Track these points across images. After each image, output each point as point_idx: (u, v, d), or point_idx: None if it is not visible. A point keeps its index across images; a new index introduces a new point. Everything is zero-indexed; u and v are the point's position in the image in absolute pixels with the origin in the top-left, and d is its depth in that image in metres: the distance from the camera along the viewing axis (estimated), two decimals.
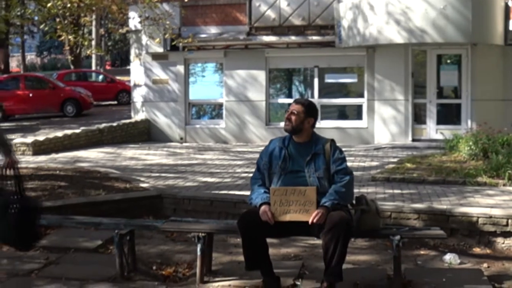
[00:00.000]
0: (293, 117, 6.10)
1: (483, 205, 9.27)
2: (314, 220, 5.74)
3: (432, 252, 7.88)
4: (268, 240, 6.11)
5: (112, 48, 63.47)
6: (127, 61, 65.65)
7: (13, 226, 5.46)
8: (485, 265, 7.24)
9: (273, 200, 5.90)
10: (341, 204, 5.93)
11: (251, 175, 6.63)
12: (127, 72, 44.83)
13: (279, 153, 6.20)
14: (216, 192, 10.60)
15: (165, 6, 18.12)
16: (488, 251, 7.96)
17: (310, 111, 6.18)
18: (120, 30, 22.59)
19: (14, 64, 59.28)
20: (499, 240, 8.01)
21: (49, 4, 13.00)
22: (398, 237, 6.12)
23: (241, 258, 6.35)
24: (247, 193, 9.05)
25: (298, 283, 6.32)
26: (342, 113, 20.38)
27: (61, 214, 8.28)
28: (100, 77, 36.19)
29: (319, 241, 6.59)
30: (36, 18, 29.48)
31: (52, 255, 7.46)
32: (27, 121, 26.97)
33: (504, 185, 11.34)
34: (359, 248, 7.98)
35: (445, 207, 8.70)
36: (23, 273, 6.80)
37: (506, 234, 7.99)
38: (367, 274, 6.69)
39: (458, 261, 7.27)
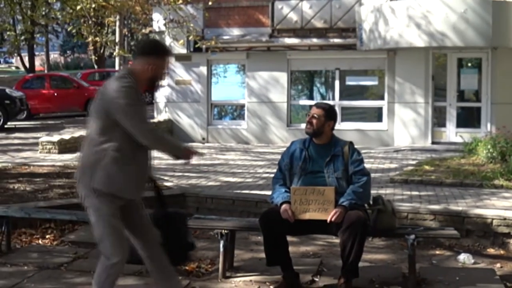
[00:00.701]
0: (314, 121, 6.34)
1: (499, 208, 9.47)
2: (333, 219, 6.00)
3: (447, 252, 8.09)
4: (288, 238, 6.36)
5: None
6: None
7: (170, 239, 5.62)
8: (498, 265, 7.44)
9: (294, 199, 6.16)
10: (359, 204, 6.17)
11: (272, 175, 6.89)
12: None
13: (299, 154, 6.45)
14: (238, 191, 10.83)
15: (189, 9, 18.38)
16: (501, 252, 8.15)
17: (330, 115, 6.43)
18: (143, 30, 22.93)
19: (38, 63, 59.77)
20: None
21: (78, 7, 13.29)
22: (413, 236, 6.35)
23: (262, 255, 6.60)
24: (268, 192, 9.31)
25: (316, 279, 6.57)
26: (363, 115, 20.53)
27: None
28: None
29: (336, 240, 6.85)
30: (60, 17, 29.81)
31: (80, 249, 7.76)
32: (52, 120, 27.40)
33: None
34: (376, 248, 8.22)
35: (460, 208, 8.91)
36: (53, 267, 7.07)
37: None
38: (383, 272, 6.92)
39: (472, 261, 7.48)
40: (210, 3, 18.41)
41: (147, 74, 5.11)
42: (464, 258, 7.54)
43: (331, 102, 17.92)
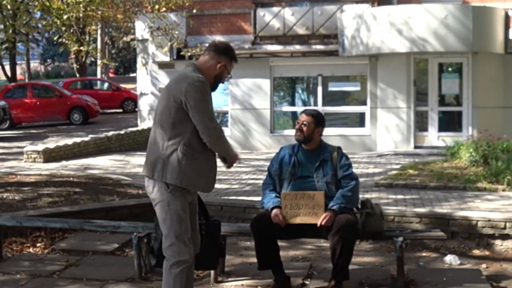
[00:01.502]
0: (304, 128, 6.45)
1: (483, 209, 9.61)
2: (323, 223, 6.11)
3: (434, 254, 8.21)
4: (278, 242, 6.47)
5: (116, 56, 63.82)
6: (130, 69, 66.04)
7: (209, 244, 5.71)
8: (483, 265, 7.57)
9: (284, 204, 6.27)
10: (348, 207, 6.29)
11: (258, 181, 7.01)
12: (131, 80, 45.31)
13: (288, 159, 6.56)
14: (226, 197, 10.92)
15: (172, 16, 18.46)
16: (487, 252, 8.27)
17: (319, 121, 6.55)
18: (125, 38, 22.96)
19: (18, 72, 59.58)
20: (498, 242, 8.33)
21: (65, 17, 13.34)
22: (401, 238, 6.48)
23: (252, 259, 6.71)
24: (256, 198, 9.45)
25: (307, 282, 6.68)
26: (345, 120, 20.69)
27: (78, 219, 8.62)
28: (106, 85, 36.54)
29: (325, 244, 6.97)
30: (40, 26, 29.77)
31: (72, 257, 7.81)
32: (35, 129, 27.34)
33: (503, 190, 11.68)
34: (364, 251, 8.34)
35: (446, 211, 9.05)
36: (46, 275, 7.11)
37: (504, 237, 8.30)
38: (372, 274, 7.04)
39: (458, 262, 7.61)
40: (194, 11, 18.48)
41: (214, 72, 5.31)
42: (450, 259, 7.67)
43: (313, 108, 18.06)
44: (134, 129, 21.65)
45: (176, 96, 5.10)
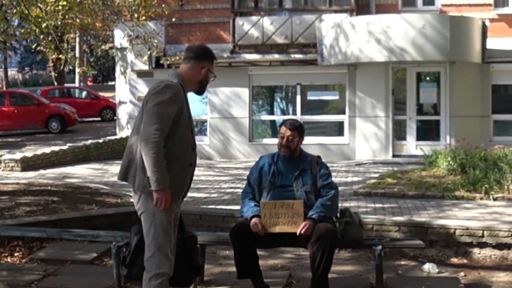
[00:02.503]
0: (291, 144, 6.45)
1: (461, 218, 9.69)
2: (302, 231, 6.12)
3: (412, 262, 8.25)
4: (258, 251, 6.47)
5: (95, 64, 63.69)
6: (108, 77, 65.90)
7: (180, 261, 5.60)
8: (462, 273, 7.62)
9: (263, 213, 6.27)
10: (327, 216, 6.31)
11: (236, 190, 7.01)
12: (109, 88, 45.19)
13: (268, 168, 6.56)
14: (204, 206, 10.91)
15: (151, 25, 18.44)
16: (465, 261, 8.32)
17: (301, 133, 6.57)
18: (103, 47, 22.90)
19: None
20: (476, 250, 8.38)
21: (43, 25, 13.28)
22: (380, 247, 6.50)
23: (231, 269, 6.71)
24: (234, 207, 9.45)
25: None
26: (324, 129, 20.73)
27: (56, 228, 8.58)
28: (84, 93, 36.37)
29: (304, 253, 6.97)
30: (18, 34, 29.61)
31: (50, 267, 7.74)
32: (12, 137, 27.18)
33: (480, 198, 11.79)
34: (343, 259, 8.36)
35: (424, 219, 9.10)
36: (24, 284, 7.06)
37: (482, 245, 8.36)
38: (351, 283, 7.06)
39: (437, 270, 7.65)
40: (173, 19, 18.47)
41: (199, 77, 5.33)
42: (429, 267, 7.71)
43: (292, 117, 18.13)
44: (113, 137, 21.58)
45: (146, 99, 5.12)
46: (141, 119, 5.12)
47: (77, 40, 41.32)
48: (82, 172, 16.72)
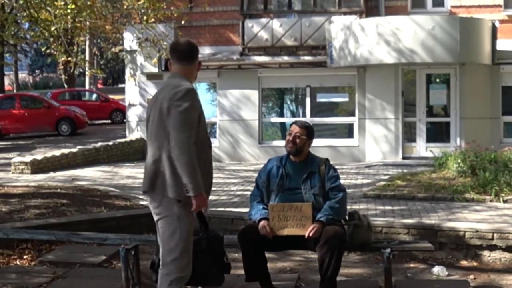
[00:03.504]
0: (297, 140, 6.45)
1: (470, 220, 9.65)
2: (310, 234, 6.10)
3: (421, 265, 8.23)
4: (266, 254, 6.46)
5: (105, 67, 63.80)
6: (119, 80, 66.00)
7: (209, 261, 5.62)
8: (471, 276, 7.59)
9: (272, 216, 6.26)
10: (336, 218, 6.29)
11: (246, 193, 6.99)
12: (119, 91, 45.23)
13: (276, 171, 6.55)
14: (214, 209, 10.88)
15: (160, 27, 18.45)
16: (474, 263, 8.30)
17: (310, 134, 6.56)
18: (113, 49, 22.95)
19: (6, 83, 59.52)
20: (485, 253, 8.36)
21: (52, 28, 13.31)
22: (388, 250, 6.48)
23: (240, 271, 6.68)
24: (244, 210, 9.43)
25: None
26: (334, 131, 20.72)
27: (65, 231, 8.59)
28: (94, 96, 36.48)
29: (313, 256, 6.95)
30: (29, 37, 29.70)
31: (59, 269, 7.75)
32: (22, 140, 27.26)
33: (490, 201, 11.74)
34: (352, 262, 8.34)
35: (433, 222, 9.07)
36: (33, 287, 7.05)
37: (491, 248, 8.33)
38: (360, 286, 7.04)
39: (446, 273, 7.62)
40: (182, 22, 18.47)
41: (195, 74, 5.39)
42: (438, 270, 7.68)
43: (302, 119, 18.11)
44: (123, 140, 21.61)
45: (167, 106, 5.07)
46: (159, 126, 5.11)
47: (87, 43, 41.44)
48: (91, 175, 16.74)
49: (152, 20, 16.75)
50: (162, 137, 5.12)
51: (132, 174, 16.74)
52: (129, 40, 20.16)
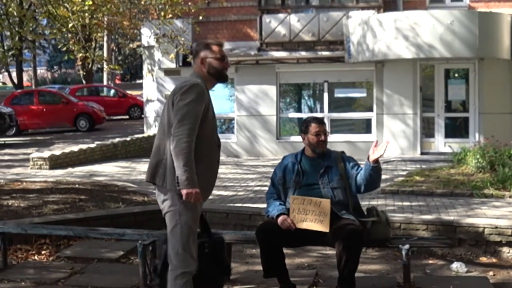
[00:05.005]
0: (328, 138, 6.49)
1: (490, 216, 9.56)
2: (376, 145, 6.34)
3: (440, 261, 8.17)
4: (284, 250, 6.44)
5: (122, 63, 63.98)
6: (136, 76, 66.16)
7: (211, 264, 5.65)
8: (491, 273, 7.53)
9: (292, 208, 6.26)
10: (374, 177, 6.39)
11: (263, 188, 6.98)
12: (137, 87, 45.38)
13: (292, 168, 6.54)
14: (231, 205, 10.88)
15: (177, 23, 18.47)
16: (494, 260, 8.23)
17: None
18: (131, 45, 22.99)
19: (25, 79, 59.84)
20: (505, 249, 8.29)
21: (70, 24, 13.36)
22: (407, 246, 6.44)
23: (258, 267, 6.68)
24: (261, 205, 9.42)
25: None
26: (352, 127, 20.66)
27: (83, 226, 8.62)
28: (112, 92, 36.59)
29: (331, 252, 6.92)
30: (47, 33, 29.87)
31: (77, 265, 7.79)
32: (41, 135, 27.38)
33: (510, 197, 11.60)
34: (370, 258, 8.30)
35: (452, 218, 9.00)
36: (51, 282, 7.10)
37: (511, 244, 8.27)
38: (378, 282, 7.00)
39: (465, 269, 7.57)
40: (200, 17, 18.48)
41: (204, 69, 5.27)
42: (457, 266, 7.63)
43: (320, 115, 18.17)
44: (140, 135, 21.66)
45: (171, 100, 5.11)
46: (167, 118, 5.13)
47: (105, 39, 41.53)
48: (109, 170, 16.79)
49: (170, 15, 16.80)
50: (166, 130, 5.16)
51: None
52: (147, 36, 20.19)
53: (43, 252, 8.43)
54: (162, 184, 5.13)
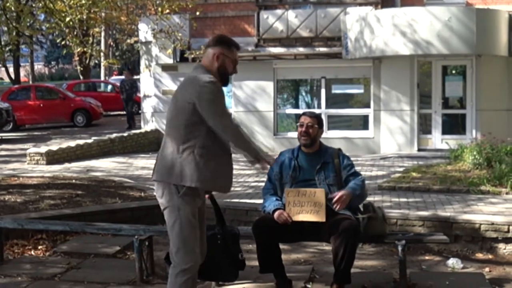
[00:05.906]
0: (310, 130, 6.42)
1: (486, 213, 9.59)
2: (338, 200, 6.12)
3: (436, 258, 8.19)
4: (280, 245, 6.44)
5: (120, 58, 63.74)
6: (134, 71, 65.91)
7: (224, 256, 5.67)
8: (487, 269, 7.54)
9: (288, 201, 6.26)
10: (357, 194, 6.29)
11: (260, 184, 6.97)
12: None
13: (289, 163, 6.53)
14: (228, 200, 10.85)
15: (175, 18, 18.45)
16: (490, 256, 8.24)
17: (320, 123, 6.54)
18: (128, 41, 22.95)
19: (22, 74, 59.73)
20: (501, 246, 8.30)
21: (67, 19, 13.33)
22: (403, 242, 6.44)
23: (254, 262, 6.67)
24: (258, 201, 9.42)
25: (309, 286, 6.65)
26: (349, 123, 20.68)
27: (80, 221, 8.61)
28: (109, 87, 36.52)
29: (327, 247, 6.91)
30: (45, 28, 29.81)
31: (73, 260, 7.78)
32: (38, 131, 27.37)
33: (506, 193, 11.65)
34: (366, 254, 8.31)
35: (449, 214, 9.01)
36: (47, 277, 7.10)
37: (507, 240, 8.27)
38: (374, 278, 6.99)
39: (461, 265, 7.58)
40: (197, 13, 18.47)
41: (215, 65, 5.23)
42: (453, 263, 7.63)
43: (317, 111, 18.11)
44: (137, 131, 21.66)
45: (188, 99, 5.05)
46: (177, 117, 5.12)
47: (102, 34, 41.42)
48: (106, 166, 16.77)
49: (167, 11, 16.76)
50: (175, 126, 5.15)
51: (146, 165, 16.74)
52: (144, 31, 20.15)
53: (39, 247, 8.43)
54: (180, 182, 5.06)
